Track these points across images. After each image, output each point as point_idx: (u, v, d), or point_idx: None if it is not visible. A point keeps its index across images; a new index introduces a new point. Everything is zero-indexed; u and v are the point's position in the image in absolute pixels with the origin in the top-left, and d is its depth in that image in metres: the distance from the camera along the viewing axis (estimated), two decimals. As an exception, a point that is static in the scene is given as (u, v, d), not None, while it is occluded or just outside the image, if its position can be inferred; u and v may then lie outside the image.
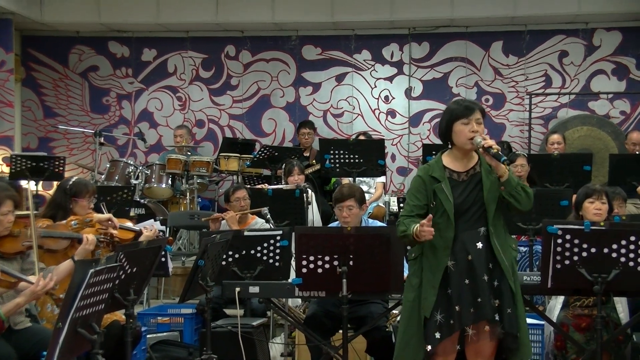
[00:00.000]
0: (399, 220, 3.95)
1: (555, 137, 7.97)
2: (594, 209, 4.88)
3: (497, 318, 3.74)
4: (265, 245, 5.16)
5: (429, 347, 3.76)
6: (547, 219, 4.23)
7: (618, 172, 6.95)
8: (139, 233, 4.81)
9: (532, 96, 9.39)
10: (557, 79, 9.49)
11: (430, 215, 3.74)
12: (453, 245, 3.80)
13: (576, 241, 4.06)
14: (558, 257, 4.09)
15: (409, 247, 4.06)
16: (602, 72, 9.43)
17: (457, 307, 3.74)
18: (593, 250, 4.04)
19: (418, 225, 3.72)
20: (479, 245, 3.78)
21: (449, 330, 3.75)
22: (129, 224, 4.98)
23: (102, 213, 4.89)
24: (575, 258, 4.06)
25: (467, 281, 3.76)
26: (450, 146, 3.90)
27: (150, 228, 4.94)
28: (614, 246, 4.02)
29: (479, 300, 3.73)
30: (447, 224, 3.79)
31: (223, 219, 6.27)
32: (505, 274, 3.77)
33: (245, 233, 5.25)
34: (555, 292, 4.61)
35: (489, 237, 3.79)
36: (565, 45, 9.49)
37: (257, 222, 6.37)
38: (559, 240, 4.07)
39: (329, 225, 6.07)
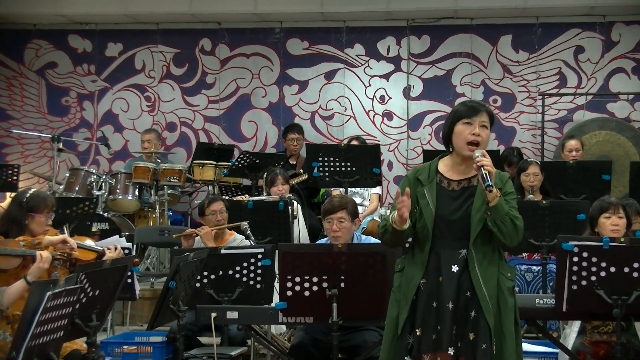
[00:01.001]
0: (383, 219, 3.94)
1: (573, 142, 8.00)
2: (611, 225, 4.90)
3: (453, 351, 3.68)
4: (245, 264, 5.16)
5: None
6: (562, 234, 4.26)
7: (640, 182, 7.01)
8: (101, 254, 4.80)
9: (545, 97, 9.44)
10: (572, 78, 9.55)
11: (408, 189, 3.73)
12: (428, 262, 3.79)
13: (594, 259, 4.08)
14: (574, 277, 4.12)
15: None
16: (621, 70, 9.49)
17: (417, 331, 3.75)
18: (612, 269, 4.07)
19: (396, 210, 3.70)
20: (454, 268, 3.75)
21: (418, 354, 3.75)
22: (89, 241, 4.97)
23: (63, 233, 4.88)
24: (593, 278, 4.08)
25: (434, 304, 3.75)
26: (450, 150, 3.89)
27: (114, 247, 4.93)
28: (636, 265, 4.05)
29: (439, 328, 3.72)
30: (425, 236, 3.79)
31: (197, 235, 6.27)
32: (482, 306, 3.71)
33: (223, 251, 5.25)
34: (571, 317, 4.64)
35: (468, 262, 3.75)
36: (581, 40, 9.55)
37: (236, 239, 6.37)
38: (575, 259, 4.10)
39: (317, 242, 6.08)
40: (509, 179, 3.88)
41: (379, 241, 5.84)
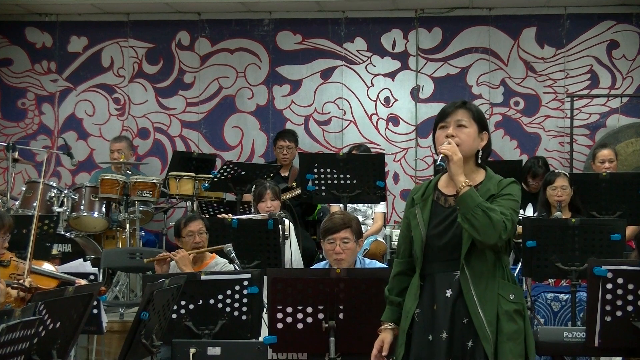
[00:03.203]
0: (394, 258, 4.01)
1: (606, 152, 8.03)
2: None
3: None
4: (229, 292, 5.16)
5: None
6: (594, 257, 4.27)
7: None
8: (63, 282, 4.80)
9: (574, 99, 9.47)
10: (605, 77, 9.59)
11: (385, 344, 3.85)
12: (422, 288, 3.82)
13: (631, 286, 4.10)
14: (608, 307, 4.13)
15: None
16: (661, 68, 9.57)
17: None
18: (652, 298, 4.09)
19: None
20: (448, 293, 3.76)
21: None
22: (48, 266, 4.97)
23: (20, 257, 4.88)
24: (630, 308, 4.10)
25: (430, 337, 3.78)
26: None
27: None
28: (679, 293, 4.06)
29: None
30: (418, 259, 3.83)
31: (172, 259, 6.27)
32: (479, 333, 3.69)
33: (203, 277, 5.25)
34: (604, 353, 4.64)
35: (461, 285, 3.74)
36: (615, 34, 9.59)
37: (218, 263, 6.37)
38: (609, 286, 4.11)
39: (313, 267, 6.08)
40: (511, 183, 3.84)
41: (384, 265, 5.89)
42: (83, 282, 4.96)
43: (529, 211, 7.72)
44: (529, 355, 3.78)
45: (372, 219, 8.36)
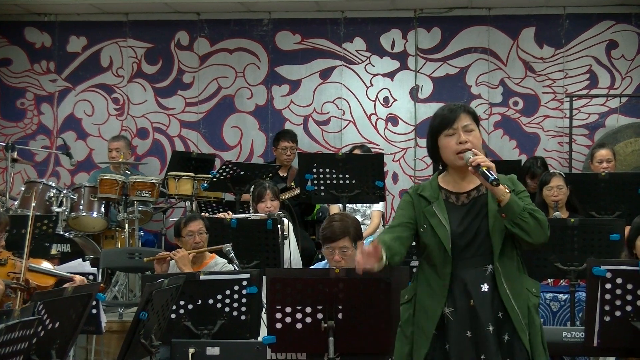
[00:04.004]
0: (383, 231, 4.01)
1: (604, 152, 8.04)
2: (648, 248, 4.93)
3: None
4: (228, 292, 5.16)
5: None
6: (593, 257, 4.27)
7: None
8: (61, 279, 4.80)
9: (573, 99, 9.48)
10: (604, 77, 9.59)
11: (376, 244, 3.73)
12: (451, 287, 3.84)
13: (630, 286, 4.10)
14: (607, 307, 4.13)
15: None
16: (661, 68, 9.57)
17: None
18: (651, 298, 4.08)
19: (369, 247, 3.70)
20: (484, 287, 3.82)
21: None
22: (47, 264, 4.97)
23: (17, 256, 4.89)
24: (629, 308, 4.10)
25: (469, 333, 3.80)
26: (441, 167, 3.97)
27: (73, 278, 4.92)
28: (679, 293, 4.06)
29: (483, 357, 3.77)
30: (443, 258, 3.84)
31: (172, 258, 6.27)
32: (516, 326, 3.79)
33: (202, 277, 5.25)
34: (604, 353, 4.64)
35: (495, 279, 3.82)
36: (614, 34, 9.59)
37: (217, 263, 6.37)
38: (608, 285, 4.11)
39: (312, 267, 6.08)
40: (517, 180, 3.96)
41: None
42: (78, 278, 4.94)
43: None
44: (546, 348, 3.89)
45: (371, 218, 8.35)
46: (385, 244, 3.78)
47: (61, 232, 8.06)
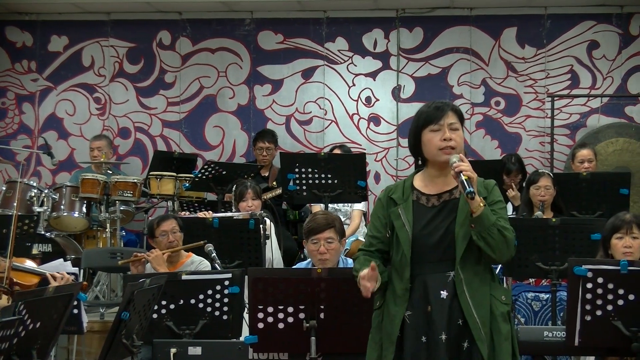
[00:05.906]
0: (357, 254, 3.99)
1: (585, 152, 8.06)
2: (623, 247, 4.93)
3: None
4: (210, 292, 5.16)
5: None
6: (574, 256, 4.29)
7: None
8: (44, 278, 4.79)
9: (555, 99, 9.51)
10: (585, 77, 9.62)
11: (374, 264, 3.75)
12: (412, 291, 3.82)
13: (610, 286, 4.11)
14: (588, 307, 4.15)
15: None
16: (641, 68, 9.62)
17: None
18: (631, 297, 4.10)
19: (366, 269, 3.75)
20: (444, 294, 3.78)
21: None
22: (30, 263, 4.94)
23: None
24: (610, 308, 4.11)
25: (424, 338, 3.78)
26: (420, 162, 3.94)
27: (60, 274, 4.91)
28: (658, 292, 4.08)
29: None
30: (403, 262, 3.82)
31: (146, 260, 6.24)
32: (474, 335, 3.74)
33: (184, 277, 5.24)
34: (584, 352, 4.66)
35: (456, 286, 3.77)
36: (595, 35, 9.63)
37: (194, 261, 6.36)
38: (589, 285, 4.13)
39: (294, 267, 6.08)
40: (495, 186, 3.91)
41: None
42: (58, 276, 4.91)
43: (507, 210, 7.73)
44: (516, 355, 3.83)
45: (352, 218, 8.35)
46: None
47: (42, 232, 8.03)
